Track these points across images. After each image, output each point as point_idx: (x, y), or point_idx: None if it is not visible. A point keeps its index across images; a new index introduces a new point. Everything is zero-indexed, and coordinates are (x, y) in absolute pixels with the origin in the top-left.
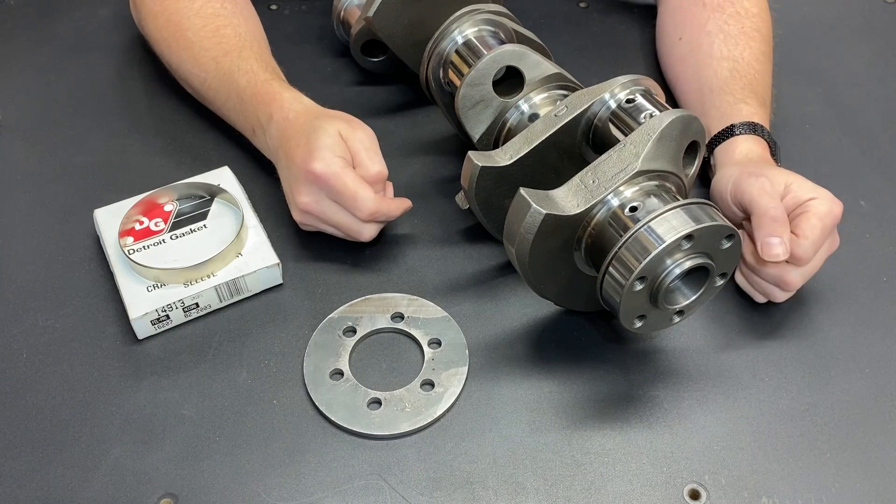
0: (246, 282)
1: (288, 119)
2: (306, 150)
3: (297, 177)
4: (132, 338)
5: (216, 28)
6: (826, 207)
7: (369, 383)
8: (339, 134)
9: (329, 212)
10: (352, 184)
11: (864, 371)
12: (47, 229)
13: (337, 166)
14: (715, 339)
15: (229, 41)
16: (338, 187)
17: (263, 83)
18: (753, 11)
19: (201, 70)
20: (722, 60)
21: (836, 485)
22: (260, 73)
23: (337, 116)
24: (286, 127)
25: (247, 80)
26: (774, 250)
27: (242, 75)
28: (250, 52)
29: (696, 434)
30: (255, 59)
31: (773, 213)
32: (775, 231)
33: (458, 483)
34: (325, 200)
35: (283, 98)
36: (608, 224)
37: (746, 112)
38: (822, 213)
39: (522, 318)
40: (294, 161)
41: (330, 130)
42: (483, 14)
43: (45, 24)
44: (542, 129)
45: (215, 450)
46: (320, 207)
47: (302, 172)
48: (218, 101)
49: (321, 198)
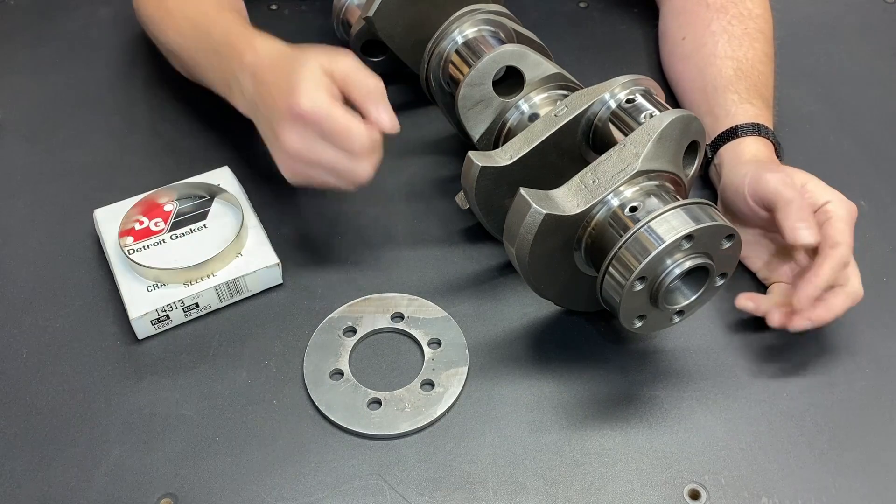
0: (246, 282)
1: (262, 65)
2: (287, 88)
3: (282, 119)
4: (132, 338)
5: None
6: (844, 210)
7: (369, 383)
8: (320, 67)
9: (321, 153)
10: (342, 118)
11: (864, 371)
12: (47, 229)
13: (324, 101)
14: (715, 339)
15: (208, 5)
16: (329, 125)
17: (238, 35)
18: (757, 13)
19: (182, 37)
20: (726, 60)
21: (836, 485)
22: (235, 26)
23: (314, 50)
24: (261, 72)
25: (221, 32)
26: (804, 234)
27: (218, 30)
28: (229, 14)
29: (696, 434)
30: (233, 18)
31: (799, 202)
32: (803, 217)
33: (458, 483)
34: (314, 141)
35: (255, 42)
36: (608, 224)
37: (751, 113)
38: (843, 216)
39: (522, 318)
40: (276, 103)
41: (310, 65)
42: (483, 14)
43: (45, 24)
44: (542, 129)
45: (215, 450)
46: (311, 150)
47: (287, 113)
48: (197, 63)
49: (310, 138)
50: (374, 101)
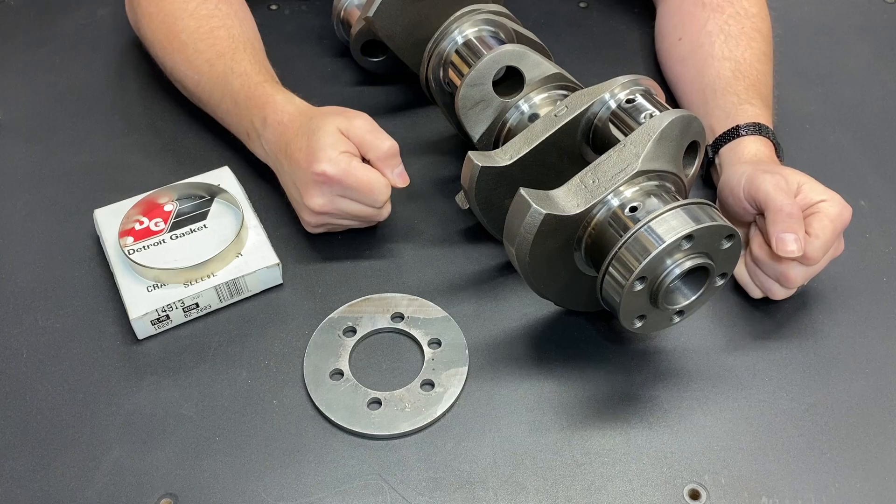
0: (246, 282)
1: (283, 122)
2: (309, 152)
3: (306, 181)
4: (132, 338)
5: (210, 29)
6: (837, 210)
7: (369, 383)
8: (337, 130)
9: (345, 207)
10: (364, 176)
11: (864, 371)
12: (47, 229)
13: (344, 163)
14: (715, 339)
15: (223, 43)
16: (350, 183)
17: (257, 86)
18: (753, 11)
19: (195, 72)
20: (724, 61)
21: (836, 485)
22: (254, 75)
23: (331, 112)
24: (283, 131)
25: (240, 83)
26: (790, 246)
27: (236, 78)
28: (244, 53)
29: (696, 434)
30: (249, 61)
31: (789, 209)
32: (791, 227)
33: (458, 483)
34: (338, 198)
35: (275, 101)
36: (608, 224)
37: (751, 113)
38: (834, 216)
39: (522, 318)
40: (299, 165)
41: (328, 128)
42: (483, 14)
43: (45, 24)
44: (542, 129)
45: (215, 450)
46: (335, 206)
47: (310, 175)
48: (212, 104)
49: (334, 197)
50: (389, 164)
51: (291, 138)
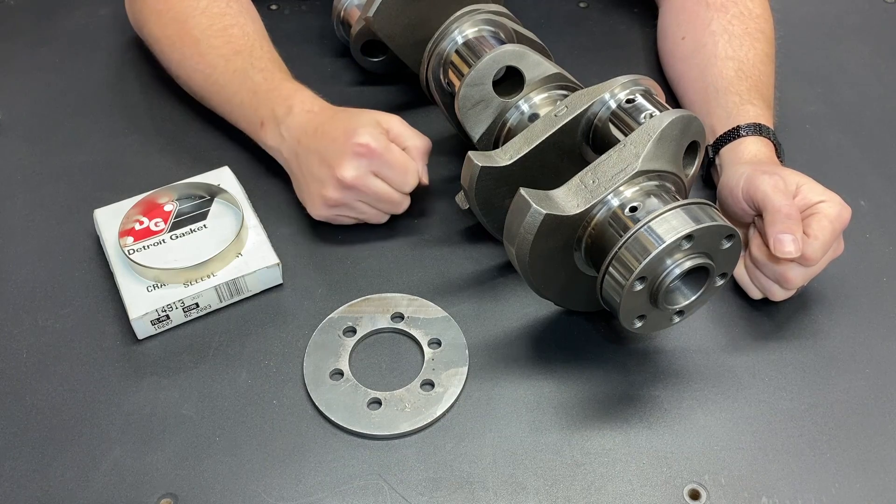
0: (246, 282)
1: (313, 111)
2: (349, 128)
3: (342, 152)
4: (132, 338)
5: (223, 27)
6: (836, 210)
7: (369, 383)
8: (376, 120)
9: (374, 186)
10: (401, 156)
11: (864, 371)
12: (47, 229)
13: (385, 141)
14: (715, 339)
15: (238, 40)
16: (388, 159)
17: (282, 80)
18: (756, 12)
19: (207, 66)
20: (727, 60)
21: (836, 485)
22: (276, 72)
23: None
24: (311, 118)
25: (263, 77)
26: (787, 247)
27: (258, 72)
28: (261, 52)
29: (696, 434)
30: (269, 59)
31: (787, 210)
32: (789, 228)
33: (458, 483)
34: (370, 175)
35: (303, 94)
36: (608, 224)
37: (753, 113)
38: (833, 216)
39: (522, 318)
40: (335, 140)
41: (368, 115)
42: (483, 14)
43: (45, 24)
44: (542, 129)
45: (215, 450)
46: (365, 182)
47: (349, 147)
48: (223, 97)
49: (367, 172)
50: (422, 158)
51: (324, 121)
